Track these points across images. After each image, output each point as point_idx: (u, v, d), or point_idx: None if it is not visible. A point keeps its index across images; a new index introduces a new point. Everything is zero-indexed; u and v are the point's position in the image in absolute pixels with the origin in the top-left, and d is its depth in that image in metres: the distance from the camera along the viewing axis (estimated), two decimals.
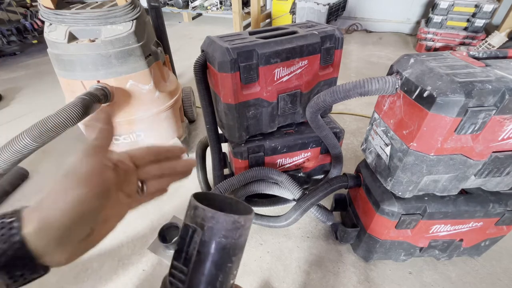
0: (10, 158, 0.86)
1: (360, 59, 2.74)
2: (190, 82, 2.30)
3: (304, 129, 1.07)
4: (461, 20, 2.59)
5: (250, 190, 1.02)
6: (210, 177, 1.28)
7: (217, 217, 0.22)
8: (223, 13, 3.61)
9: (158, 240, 0.83)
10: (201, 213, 0.22)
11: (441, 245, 0.89)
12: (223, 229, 0.22)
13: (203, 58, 0.87)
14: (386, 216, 0.80)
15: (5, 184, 1.29)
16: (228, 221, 0.22)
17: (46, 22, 1.05)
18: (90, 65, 1.04)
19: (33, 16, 2.87)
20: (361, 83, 0.68)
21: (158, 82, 1.23)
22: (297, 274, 0.98)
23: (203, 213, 0.22)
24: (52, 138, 0.91)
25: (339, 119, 1.81)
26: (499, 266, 0.98)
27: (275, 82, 0.89)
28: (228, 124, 0.94)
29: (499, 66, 0.62)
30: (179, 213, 1.19)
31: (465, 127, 0.59)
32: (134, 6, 1.08)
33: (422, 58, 0.66)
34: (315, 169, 1.16)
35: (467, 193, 0.81)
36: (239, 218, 0.22)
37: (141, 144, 0.34)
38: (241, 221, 0.23)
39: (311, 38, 0.86)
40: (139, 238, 1.10)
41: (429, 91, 0.58)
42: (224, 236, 0.22)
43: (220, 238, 0.22)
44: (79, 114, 0.93)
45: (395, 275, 0.96)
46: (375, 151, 0.81)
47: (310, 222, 1.15)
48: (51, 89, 2.25)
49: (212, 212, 0.22)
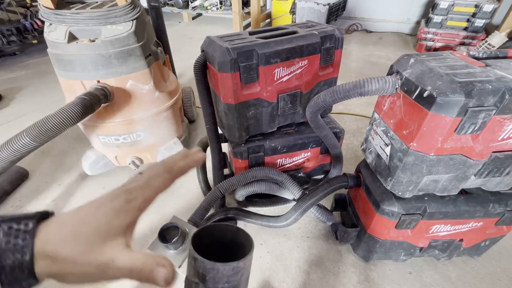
0: (9, 157, 0.86)
1: (360, 59, 2.74)
2: (190, 82, 2.30)
3: (304, 129, 1.07)
4: (461, 20, 2.59)
5: (250, 190, 1.02)
6: (210, 177, 1.28)
7: (216, 268, 0.22)
8: (223, 13, 3.61)
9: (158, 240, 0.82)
10: (201, 264, 0.23)
11: (441, 245, 0.89)
12: (224, 276, 0.23)
13: (203, 58, 0.87)
14: (386, 216, 0.80)
15: (5, 184, 1.29)
16: (228, 269, 0.23)
17: (46, 22, 1.05)
18: (90, 65, 1.03)
19: (33, 16, 2.87)
20: (361, 83, 0.68)
21: (158, 82, 1.23)
22: (297, 274, 0.98)
23: (203, 264, 0.22)
24: (51, 138, 0.91)
25: (339, 119, 1.81)
26: (499, 266, 0.98)
27: (275, 82, 0.89)
28: (228, 124, 0.94)
29: (499, 66, 0.62)
30: (179, 213, 1.19)
31: (465, 127, 0.59)
32: (134, 6, 1.08)
33: (422, 58, 0.66)
34: (315, 169, 1.16)
35: (467, 193, 0.81)
36: (238, 263, 0.23)
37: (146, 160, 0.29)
38: (241, 265, 0.23)
39: (311, 38, 0.86)
40: (139, 238, 1.10)
41: (429, 91, 0.58)
42: (227, 281, 0.23)
43: (223, 284, 0.23)
44: (79, 114, 0.93)
45: (395, 275, 0.96)
46: (375, 151, 0.81)
47: (310, 222, 1.15)
48: (51, 89, 2.25)
49: (211, 264, 0.22)
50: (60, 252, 0.22)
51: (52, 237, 0.22)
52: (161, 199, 1.09)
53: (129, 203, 0.26)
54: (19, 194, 1.31)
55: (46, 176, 1.41)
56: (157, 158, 1.38)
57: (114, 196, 0.26)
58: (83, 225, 0.24)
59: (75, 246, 0.22)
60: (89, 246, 0.23)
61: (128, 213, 0.26)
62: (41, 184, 1.37)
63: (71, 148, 1.61)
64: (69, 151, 1.59)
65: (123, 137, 1.22)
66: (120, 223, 0.25)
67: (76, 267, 0.23)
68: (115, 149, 1.28)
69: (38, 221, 0.22)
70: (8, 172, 1.33)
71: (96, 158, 1.32)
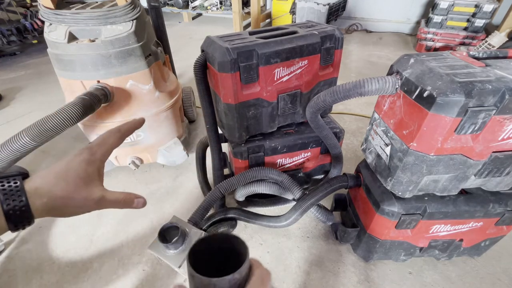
0: (8, 156, 0.86)
1: (360, 59, 2.74)
2: (190, 82, 2.30)
3: (304, 129, 1.07)
4: (461, 20, 2.59)
5: (250, 190, 1.02)
6: (210, 177, 1.28)
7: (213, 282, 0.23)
8: (223, 13, 3.61)
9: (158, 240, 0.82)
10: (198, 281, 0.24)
11: (441, 245, 0.89)
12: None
13: (203, 58, 0.87)
14: (386, 216, 0.80)
15: None
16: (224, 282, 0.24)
17: (46, 22, 1.05)
18: (90, 65, 1.03)
19: (33, 16, 2.87)
20: (361, 83, 0.68)
21: (158, 82, 1.23)
22: (297, 274, 0.98)
23: (200, 280, 0.23)
24: (51, 138, 0.91)
25: (339, 119, 1.81)
26: (499, 266, 0.98)
27: (275, 82, 0.89)
28: (228, 124, 0.94)
29: (499, 66, 0.62)
30: (179, 213, 1.19)
31: (465, 127, 0.59)
32: (134, 6, 1.08)
33: (422, 58, 0.66)
34: (315, 169, 1.16)
35: (467, 193, 0.81)
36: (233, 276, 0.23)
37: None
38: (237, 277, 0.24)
39: (311, 38, 0.86)
40: (139, 238, 1.10)
41: (429, 91, 0.58)
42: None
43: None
44: (78, 114, 0.93)
45: (395, 275, 0.96)
46: (375, 151, 0.81)
47: (310, 222, 1.15)
48: (51, 89, 2.25)
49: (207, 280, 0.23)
50: (55, 191, 0.31)
51: (41, 184, 0.31)
52: (161, 199, 1.10)
53: (93, 155, 0.35)
54: None
55: None
56: (157, 158, 1.38)
57: (79, 152, 0.35)
58: (65, 172, 0.32)
59: (66, 186, 0.32)
60: (79, 187, 0.33)
61: (95, 163, 0.35)
62: None
63: (71, 148, 1.61)
64: (69, 151, 1.59)
65: None
66: (93, 170, 0.35)
67: (73, 202, 0.32)
68: (115, 149, 1.28)
69: (23, 178, 0.30)
70: (8, 172, 1.33)
71: None
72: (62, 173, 0.32)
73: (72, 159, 0.34)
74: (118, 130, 0.40)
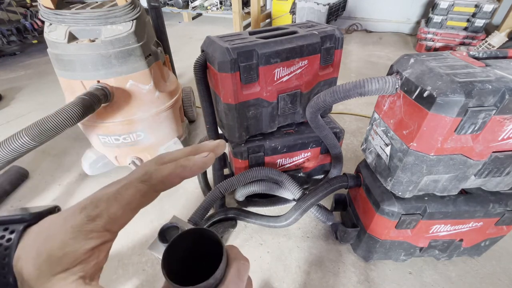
0: (7, 156, 0.86)
1: (360, 59, 2.74)
2: (190, 82, 2.30)
3: (304, 129, 1.07)
4: (461, 20, 2.59)
5: (250, 190, 1.02)
6: (210, 177, 1.29)
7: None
8: (223, 13, 3.61)
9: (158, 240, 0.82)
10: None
11: (441, 245, 0.89)
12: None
13: (203, 58, 0.87)
14: (386, 216, 0.80)
15: (5, 184, 1.29)
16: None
17: (46, 22, 1.05)
18: (90, 65, 1.03)
19: (33, 16, 2.87)
20: (361, 83, 0.68)
21: (158, 82, 1.23)
22: (297, 274, 0.98)
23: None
24: (51, 138, 0.91)
25: (339, 119, 1.81)
26: (499, 266, 0.98)
27: (275, 82, 0.89)
28: (228, 124, 0.94)
29: (499, 66, 0.62)
30: (179, 213, 1.19)
31: (465, 127, 0.59)
32: (134, 6, 1.08)
33: (422, 58, 0.66)
34: (315, 169, 1.16)
35: (467, 193, 0.81)
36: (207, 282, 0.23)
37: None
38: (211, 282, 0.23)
39: (311, 38, 0.86)
40: (139, 238, 1.10)
41: (429, 91, 0.58)
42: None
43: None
44: (78, 114, 0.93)
45: (395, 275, 0.96)
46: (375, 151, 0.81)
47: (310, 222, 1.15)
48: (51, 89, 2.25)
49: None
50: (23, 273, 0.19)
51: (23, 251, 0.19)
52: (161, 199, 1.10)
53: (92, 221, 0.20)
54: (19, 194, 1.31)
55: (46, 176, 1.41)
56: None
57: (79, 208, 0.21)
58: (48, 240, 0.19)
59: (33, 268, 0.19)
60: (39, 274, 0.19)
61: (89, 234, 0.20)
62: (41, 184, 1.37)
63: (71, 148, 1.61)
64: (69, 151, 1.58)
65: (123, 137, 1.22)
66: (77, 249, 0.19)
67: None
68: (115, 149, 1.28)
69: (26, 227, 0.20)
70: (8, 172, 1.33)
71: (96, 158, 1.32)
72: (47, 237, 0.20)
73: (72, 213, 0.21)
74: (148, 178, 0.23)
